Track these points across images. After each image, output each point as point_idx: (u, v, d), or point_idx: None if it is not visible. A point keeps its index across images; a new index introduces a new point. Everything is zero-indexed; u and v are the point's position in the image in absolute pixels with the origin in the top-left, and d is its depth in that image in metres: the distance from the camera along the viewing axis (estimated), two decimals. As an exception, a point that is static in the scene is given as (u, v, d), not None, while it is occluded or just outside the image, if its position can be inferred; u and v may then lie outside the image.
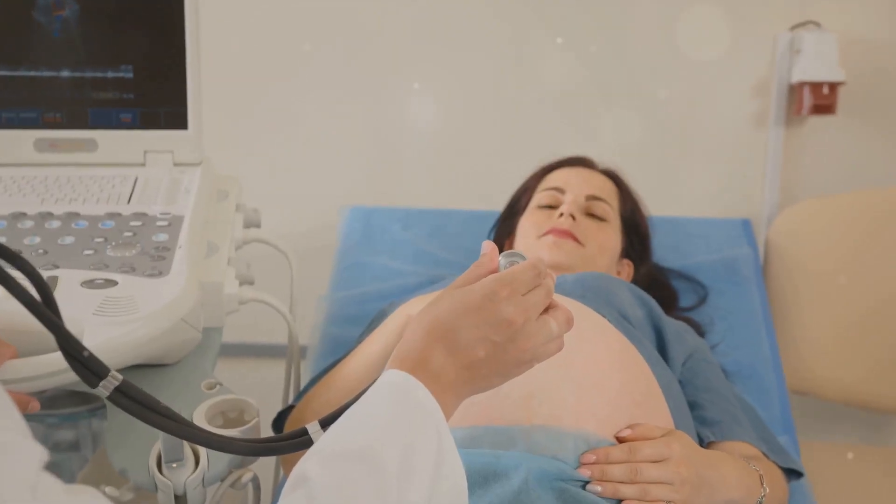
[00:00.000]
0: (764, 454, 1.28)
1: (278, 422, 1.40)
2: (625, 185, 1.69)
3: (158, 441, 1.11)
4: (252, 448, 0.95)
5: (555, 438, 1.02)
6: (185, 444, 1.11)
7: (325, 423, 0.93)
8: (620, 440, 1.05)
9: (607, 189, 1.63)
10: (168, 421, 0.93)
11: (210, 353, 1.31)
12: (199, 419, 1.18)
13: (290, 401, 1.45)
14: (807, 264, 1.95)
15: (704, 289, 1.79)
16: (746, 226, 2.00)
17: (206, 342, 1.31)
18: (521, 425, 1.02)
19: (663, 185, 2.05)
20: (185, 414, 1.14)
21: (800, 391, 1.91)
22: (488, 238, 1.76)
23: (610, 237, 1.57)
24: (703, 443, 1.29)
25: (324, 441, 0.85)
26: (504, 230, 1.71)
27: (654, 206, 1.75)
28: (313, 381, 1.39)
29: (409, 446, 0.83)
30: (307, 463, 0.82)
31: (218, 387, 1.24)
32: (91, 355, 0.90)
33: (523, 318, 0.90)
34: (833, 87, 1.95)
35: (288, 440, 0.94)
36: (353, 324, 1.68)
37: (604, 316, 1.24)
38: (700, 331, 1.67)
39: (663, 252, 1.81)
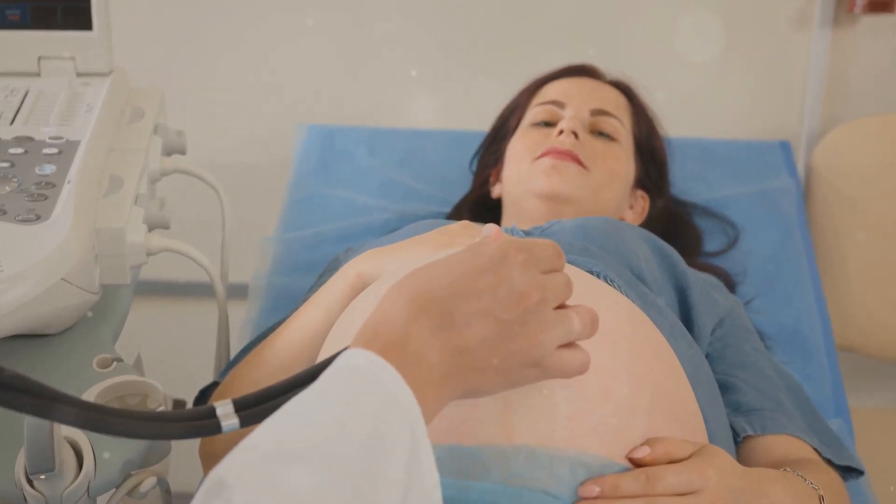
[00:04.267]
0: (816, 450, 1.09)
1: (201, 401, 1.21)
2: (638, 100, 1.49)
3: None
4: (127, 425, 0.73)
5: (543, 464, 0.81)
6: (64, 446, 0.93)
7: (242, 406, 0.76)
8: (635, 463, 0.85)
9: (617, 103, 1.44)
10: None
11: (111, 318, 1.15)
12: (88, 408, 0.99)
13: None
14: (857, 197, 1.82)
15: (735, 228, 1.61)
16: (785, 149, 1.83)
17: (105, 304, 1.14)
18: (496, 445, 0.82)
19: (684, 99, 1.90)
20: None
21: (843, 347, 1.77)
22: (470, 168, 1.57)
23: (621, 161, 1.38)
24: (739, 437, 1.10)
25: (253, 438, 0.68)
26: (489, 158, 1.52)
27: (672, 124, 1.59)
28: (244, 351, 1.20)
29: (372, 452, 0.67)
30: (227, 464, 0.66)
31: (115, 364, 1.06)
32: None
33: (539, 296, 0.76)
34: (894, -22, 1.82)
35: (186, 421, 0.75)
36: (305, 272, 1.50)
37: (612, 282, 1.03)
38: (730, 282, 1.49)
39: (684, 182, 1.65)
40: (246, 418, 0.75)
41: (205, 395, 1.21)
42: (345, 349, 0.75)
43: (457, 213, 1.52)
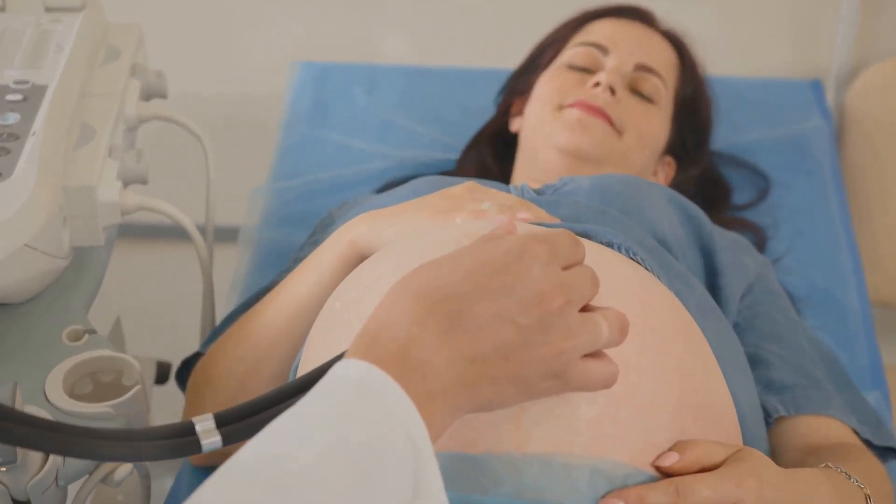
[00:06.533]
0: (854, 431, 1.03)
1: (184, 372, 1.15)
2: (690, 58, 1.39)
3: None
4: (95, 447, 0.69)
5: (559, 474, 0.75)
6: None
7: (225, 421, 0.71)
8: (662, 471, 0.78)
9: (666, 59, 1.34)
10: None
11: (83, 284, 1.07)
12: (55, 386, 0.93)
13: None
14: (894, 141, 1.74)
15: (765, 179, 1.53)
16: (817, 89, 1.74)
17: (78, 268, 1.07)
18: (508, 454, 0.75)
19: (706, 34, 1.77)
20: (35, 377, 0.91)
21: (878, 303, 1.70)
22: (496, 102, 1.48)
23: (655, 125, 1.30)
24: (770, 418, 1.03)
25: (231, 463, 0.62)
26: (516, 88, 1.42)
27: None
28: (230, 318, 1.14)
29: (369, 478, 0.62)
30: (203, 495, 0.61)
31: (87, 336, 0.99)
32: None
33: (563, 297, 0.69)
34: None
35: (161, 439, 0.71)
36: (297, 225, 1.43)
37: (634, 255, 0.95)
38: (761, 237, 1.42)
39: (709, 126, 1.55)
40: (229, 436, 0.70)
41: (188, 366, 1.14)
42: (340, 355, 0.69)
43: (475, 146, 1.44)
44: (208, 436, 0.70)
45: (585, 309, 0.72)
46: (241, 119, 1.82)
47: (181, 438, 0.70)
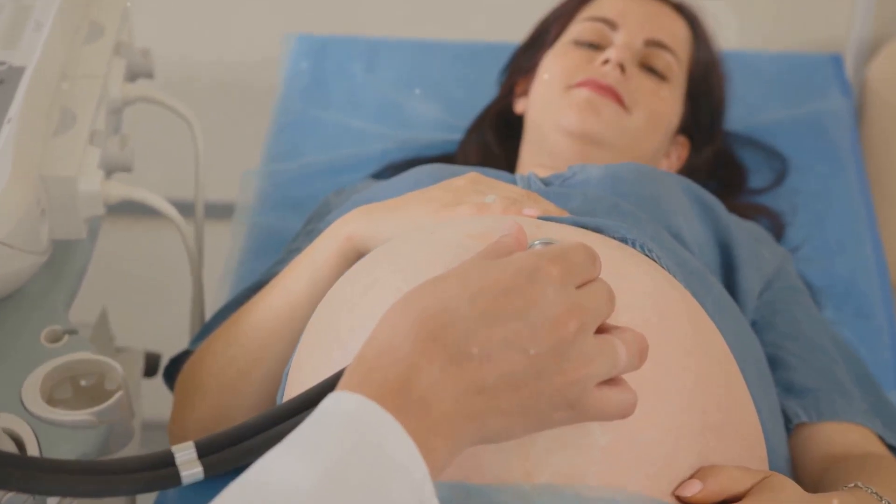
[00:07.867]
0: (879, 437, 0.99)
1: (172, 370, 1.12)
2: (703, 32, 1.34)
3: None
4: (66, 482, 0.67)
5: (572, 507, 0.71)
6: (4, 442, 0.83)
7: (207, 450, 0.69)
8: (683, 502, 0.73)
9: (678, 34, 1.29)
10: None
11: (63, 279, 1.01)
12: (32, 391, 0.89)
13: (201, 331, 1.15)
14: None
15: (782, 161, 1.47)
16: (837, 64, 1.68)
17: (57, 263, 1.02)
18: (514, 485, 0.70)
19: (717, 5, 1.74)
20: (11, 382, 0.88)
21: None
22: (500, 81, 1.43)
23: (667, 104, 1.25)
24: (791, 423, 0.99)
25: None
26: (520, 66, 1.37)
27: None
28: (221, 315, 1.09)
29: None
30: None
31: (67, 337, 0.94)
32: None
33: (577, 321, 0.64)
34: None
35: (138, 472, 0.68)
36: (294, 210, 1.38)
37: (650, 252, 0.90)
38: (779, 223, 1.37)
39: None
40: (211, 466, 0.67)
41: (177, 363, 1.10)
42: (334, 381, 0.64)
43: (477, 129, 1.39)
44: (189, 467, 0.67)
45: (601, 328, 0.68)
46: (233, 94, 1.77)
47: (159, 470, 0.67)
